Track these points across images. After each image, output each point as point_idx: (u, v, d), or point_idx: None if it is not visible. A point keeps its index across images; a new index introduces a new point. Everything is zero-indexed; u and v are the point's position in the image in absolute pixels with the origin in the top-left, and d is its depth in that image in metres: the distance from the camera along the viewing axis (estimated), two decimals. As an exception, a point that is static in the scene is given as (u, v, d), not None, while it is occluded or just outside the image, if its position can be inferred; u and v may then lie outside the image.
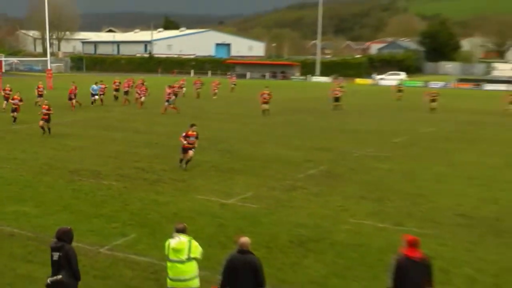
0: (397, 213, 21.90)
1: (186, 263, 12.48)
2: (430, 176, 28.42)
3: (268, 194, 24.09)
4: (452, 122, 49.95)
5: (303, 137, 39.18)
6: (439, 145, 37.97)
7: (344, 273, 16.04)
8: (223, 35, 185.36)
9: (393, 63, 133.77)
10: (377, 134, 41.46)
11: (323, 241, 18.49)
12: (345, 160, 31.89)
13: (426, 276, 12.07)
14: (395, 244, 18.18)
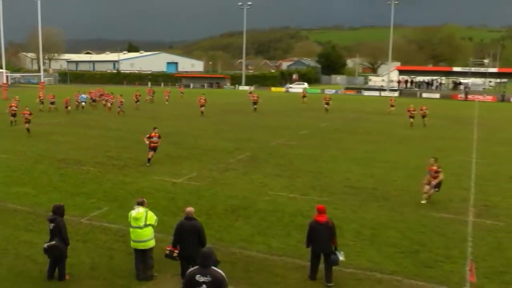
0: (303, 186, 22.01)
1: (144, 228, 12.43)
2: (327, 158, 28.68)
3: (208, 174, 23.94)
4: (341, 119, 50.53)
5: (233, 132, 38.99)
6: (332, 135, 38.33)
7: (265, 232, 16.08)
8: (172, 56, 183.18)
9: (299, 76, 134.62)
10: (288, 128, 41.51)
11: (250, 209, 18.47)
12: (265, 148, 31.86)
13: (331, 235, 12.26)
14: (303, 209, 18.44)
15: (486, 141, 37.29)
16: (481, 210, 19.22)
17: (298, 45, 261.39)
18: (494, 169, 27.12)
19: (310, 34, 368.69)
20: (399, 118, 52.52)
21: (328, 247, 12.27)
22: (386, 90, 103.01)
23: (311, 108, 61.37)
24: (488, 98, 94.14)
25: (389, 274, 13.03)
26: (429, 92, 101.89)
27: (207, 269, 8.40)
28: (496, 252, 15.06)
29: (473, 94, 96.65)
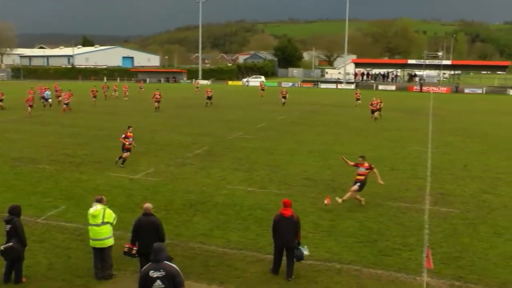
0: (261, 179, 22.03)
1: (101, 226, 12.23)
2: (284, 151, 28.76)
3: (165, 170, 23.72)
4: (298, 112, 50.78)
5: (189, 126, 38.74)
6: (289, 128, 38.50)
7: (224, 226, 16.02)
8: (128, 50, 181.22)
9: (255, 69, 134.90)
10: (245, 122, 41.49)
11: (208, 203, 18.37)
12: (222, 141, 31.76)
13: (295, 229, 12.21)
14: (261, 202, 18.47)
15: (441, 131, 38.12)
16: (437, 198, 19.64)
17: (254, 38, 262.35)
18: (449, 158, 27.76)
19: (266, 28, 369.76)
20: (356, 110, 53.31)
21: (291, 241, 12.23)
22: (343, 82, 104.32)
23: (268, 102, 61.54)
24: (443, 89, 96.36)
25: (348, 264, 13.17)
26: (385, 84, 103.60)
27: (159, 264, 8.36)
28: (452, 238, 15.43)
29: (428, 86, 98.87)
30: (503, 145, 33.06)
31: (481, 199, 19.97)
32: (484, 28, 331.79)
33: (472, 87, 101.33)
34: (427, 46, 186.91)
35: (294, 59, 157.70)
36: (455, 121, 44.95)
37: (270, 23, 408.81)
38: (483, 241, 15.29)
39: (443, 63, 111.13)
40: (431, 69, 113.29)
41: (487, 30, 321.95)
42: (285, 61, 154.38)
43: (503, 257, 14.16)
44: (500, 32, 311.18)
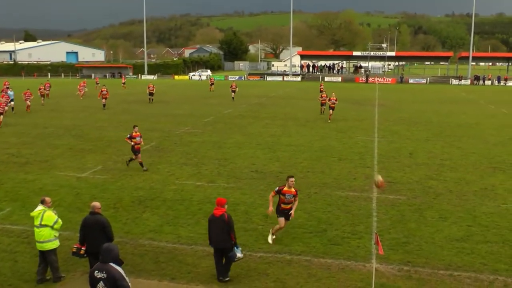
0: (210, 173, 22.00)
1: (41, 228, 11.86)
2: (231, 145, 28.79)
3: (113, 167, 23.36)
4: (245, 105, 50.85)
5: (136, 122, 37.61)
6: (236, 121, 38.53)
7: (174, 222, 15.94)
8: (72, 45, 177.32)
9: (202, 63, 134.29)
10: (192, 116, 41.23)
11: (157, 199, 18.23)
12: (170, 137, 31.50)
13: (227, 229, 11.81)
14: (210, 196, 18.43)
15: (387, 121, 38.94)
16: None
17: (200, 32, 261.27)
18: (395, 147, 28.40)
19: (211, 21, 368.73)
20: (305, 102, 53.78)
21: (224, 241, 11.81)
22: (289, 75, 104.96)
23: (216, 95, 61.43)
24: (388, 80, 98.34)
25: (298, 255, 13.29)
26: (331, 76, 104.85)
27: (104, 265, 8.12)
28: (399, 224, 15.82)
29: (374, 77, 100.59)
30: (446, 132, 34.09)
31: (427, 185, 20.55)
32: (426, 20, 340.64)
33: (417, 77, 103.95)
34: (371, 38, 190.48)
35: (240, 52, 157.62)
36: (401, 111, 45.98)
37: (215, 17, 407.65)
38: (429, 226, 15.75)
39: (388, 54, 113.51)
40: (376, 61, 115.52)
41: (429, 22, 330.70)
42: (231, 54, 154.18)
43: (449, 239, 14.66)
44: (441, 24, 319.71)
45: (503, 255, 13.59)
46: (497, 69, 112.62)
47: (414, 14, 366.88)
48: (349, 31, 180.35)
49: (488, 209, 17.57)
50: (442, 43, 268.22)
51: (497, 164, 24.68)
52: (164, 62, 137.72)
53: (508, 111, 47.08)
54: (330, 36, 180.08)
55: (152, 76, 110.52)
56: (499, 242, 14.56)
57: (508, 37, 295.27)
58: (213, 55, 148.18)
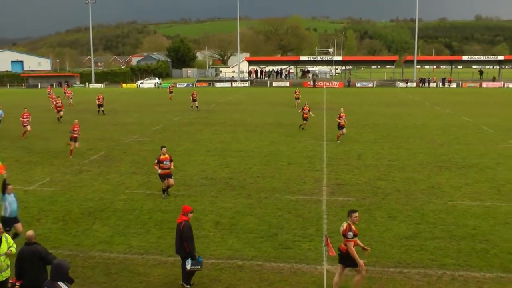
0: (159, 182, 21.63)
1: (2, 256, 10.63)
2: (181, 152, 28.65)
3: (61, 178, 22.88)
4: (194, 111, 50.60)
5: (84, 131, 37.10)
6: (186, 128, 38.36)
7: (125, 232, 15.79)
8: (17, 54, 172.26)
9: (149, 71, 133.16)
10: (140, 125, 40.77)
11: (107, 210, 18.01)
12: (119, 146, 31.10)
13: (180, 237, 11.74)
14: (160, 205, 18.34)
15: (336, 124, 39.31)
16: (334, 189, 20.35)
17: (147, 40, 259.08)
18: (343, 149, 28.84)
19: (158, 28, 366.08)
20: (254, 107, 53.97)
21: (180, 249, 11.80)
22: (237, 81, 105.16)
23: (163, 103, 60.99)
24: (336, 84, 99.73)
25: (250, 260, 13.36)
26: (279, 81, 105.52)
27: (52, 283, 7.90)
28: (349, 226, 16.04)
29: (321, 81, 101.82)
30: (394, 134, 34.86)
31: (376, 186, 20.99)
32: (372, 25, 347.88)
33: (364, 81, 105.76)
34: (318, 43, 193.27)
35: (187, 59, 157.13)
36: (348, 114, 46.22)
37: (162, 24, 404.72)
38: (379, 225, 16.10)
39: (334, 59, 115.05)
40: (323, 65, 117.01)
41: (375, 27, 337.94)
42: (179, 61, 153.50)
43: (398, 238, 15.03)
44: (386, 29, 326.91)
45: (450, 250, 14.03)
46: (441, 72, 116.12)
47: (359, 19, 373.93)
48: (296, 36, 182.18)
49: (435, 207, 18.09)
50: (388, 47, 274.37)
51: (443, 163, 25.39)
52: (111, 70, 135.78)
53: (452, 112, 48.47)
54: (277, 42, 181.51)
55: (99, 84, 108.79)
56: (446, 238, 15.02)
57: (451, 41, 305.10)
58: (161, 63, 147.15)
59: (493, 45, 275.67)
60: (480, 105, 56.64)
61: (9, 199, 13.45)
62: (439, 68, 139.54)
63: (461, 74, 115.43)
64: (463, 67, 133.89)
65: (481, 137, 33.51)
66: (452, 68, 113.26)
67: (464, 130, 36.65)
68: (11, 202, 13.45)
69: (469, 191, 20.26)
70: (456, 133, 35.09)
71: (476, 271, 12.81)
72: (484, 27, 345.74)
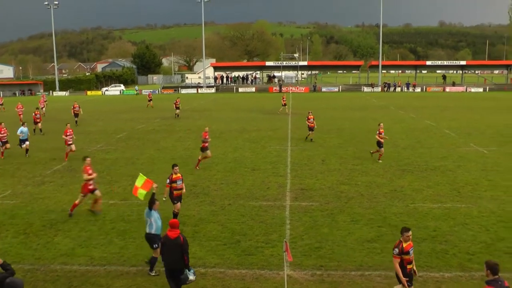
0: (123, 191, 21.74)
1: None
2: (145, 160, 28.57)
3: (23, 190, 22.47)
4: (158, 119, 50.37)
5: (47, 141, 36.96)
6: (150, 136, 38.16)
7: (87, 243, 15.64)
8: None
9: (115, 77, 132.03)
10: (104, 133, 40.38)
11: (69, 221, 17.81)
12: (82, 155, 30.39)
13: (182, 252, 11.52)
14: (123, 214, 18.26)
15: (300, 129, 39.70)
16: (297, 194, 20.54)
17: (112, 46, 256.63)
18: (308, 154, 29.10)
19: (123, 34, 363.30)
20: (219, 114, 53.99)
21: (178, 264, 11.56)
22: (203, 87, 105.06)
23: (128, 110, 60.59)
24: (301, 89, 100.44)
25: (213, 267, 13.40)
26: (245, 87, 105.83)
27: None
28: (312, 230, 16.30)
29: (287, 86, 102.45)
30: (357, 138, 35.31)
31: (339, 190, 21.27)
32: (337, 30, 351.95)
33: (329, 85, 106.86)
34: (284, 48, 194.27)
35: (153, 65, 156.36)
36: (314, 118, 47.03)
37: (127, 30, 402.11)
38: (341, 229, 16.33)
39: (300, 64, 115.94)
40: (289, 70, 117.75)
41: (340, 32, 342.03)
42: (144, 68, 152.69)
43: (360, 241, 15.29)
44: (352, 34, 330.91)
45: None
46: (406, 76, 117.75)
47: (325, 24, 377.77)
48: (262, 42, 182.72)
49: (397, 209, 18.45)
50: (353, 52, 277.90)
51: (406, 166, 25.85)
52: (76, 77, 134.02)
53: (416, 116, 49.29)
54: (243, 47, 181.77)
55: (64, 92, 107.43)
56: (408, 240, 15.29)
57: (416, 46, 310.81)
58: (126, 69, 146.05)
59: (457, 51, 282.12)
60: (443, 109, 57.74)
61: (155, 216, 13.22)
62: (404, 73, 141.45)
63: (426, 78, 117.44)
64: (427, 72, 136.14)
65: (443, 140, 34.19)
66: (416, 73, 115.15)
67: (427, 133, 37.34)
68: (156, 219, 13.24)
69: (430, 194, 20.70)
70: (419, 136, 35.73)
71: (435, 271, 13.15)
72: (447, 33, 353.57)
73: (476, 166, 26.08)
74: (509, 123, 43.59)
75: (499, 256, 14.17)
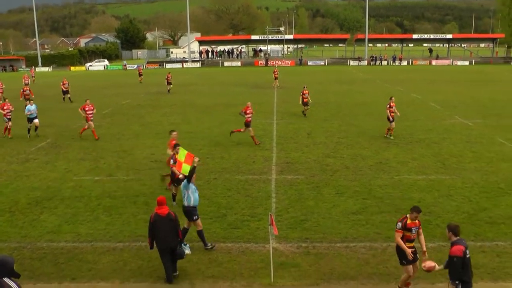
0: (108, 167, 21.71)
1: None
2: (130, 136, 28.55)
3: (7, 168, 22.26)
4: (143, 94, 50.18)
5: (31, 118, 36.63)
6: (135, 111, 38.07)
7: (73, 220, 15.65)
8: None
9: (98, 52, 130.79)
10: (90, 109, 39.95)
11: (55, 198, 17.76)
12: (66, 132, 30.56)
13: (173, 227, 11.55)
14: (109, 190, 18.29)
15: (286, 103, 39.85)
16: (283, 167, 20.67)
17: (95, 20, 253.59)
18: (293, 128, 29.22)
19: (106, 9, 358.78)
20: (204, 88, 53.86)
21: (173, 241, 11.56)
22: (188, 61, 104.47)
23: (112, 85, 60.20)
24: (287, 63, 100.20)
25: (199, 241, 13.41)
26: (231, 61, 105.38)
27: None
28: (297, 203, 16.47)
29: (273, 60, 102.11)
30: (344, 112, 35.50)
31: (324, 163, 21.43)
32: (324, 3, 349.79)
33: (315, 59, 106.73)
34: (270, 22, 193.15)
35: (137, 40, 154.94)
36: (299, 92, 46.86)
37: (111, 4, 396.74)
38: (326, 202, 16.52)
39: (286, 37, 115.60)
40: (275, 44, 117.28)
41: (327, 6, 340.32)
42: (128, 42, 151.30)
43: (345, 213, 15.51)
44: (338, 7, 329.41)
45: (395, 223, 14.41)
46: (392, 50, 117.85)
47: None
48: (248, 15, 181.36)
49: (382, 182, 18.66)
50: (340, 26, 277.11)
51: (391, 139, 26.04)
52: (59, 52, 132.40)
53: (402, 89, 49.47)
54: (229, 21, 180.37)
55: (47, 68, 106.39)
56: (392, 211, 15.58)
57: (402, 19, 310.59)
58: (110, 44, 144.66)
59: (443, 24, 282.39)
60: (429, 82, 58.04)
61: (192, 188, 13.18)
62: (390, 46, 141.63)
63: (412, 52, 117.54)
64: (414, 45, 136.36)
65: (429, 113, 34.43)
66: (403, 46, 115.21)
67: (413, 106, 37.56)
68: (193, 191, 13.21)
69: (415, 166, 20.93)
70: (405, 109, 35.83)
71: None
72: (434, 6, 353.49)
73: (460, 138, 26.38)
74: (494, 96, 44.00)
75: (481, 225, 14.49)
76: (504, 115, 33.69)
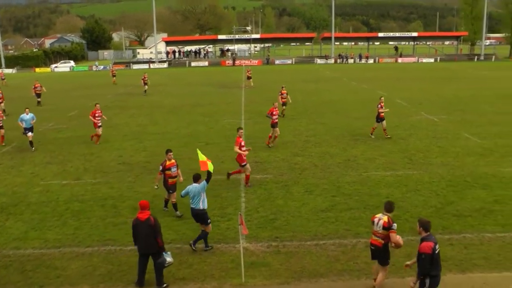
0: (76, 170, 21.42)
1: None
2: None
3: (-30, 173, 21.75)
4: (110, 95, 49.47)
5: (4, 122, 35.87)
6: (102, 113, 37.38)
7: (40, 226, 15.37)
8: None
9: (64, 53, 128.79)
10: (56, 111, 39.43)
11: (21, 204, 17.42)
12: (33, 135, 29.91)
13: (154, 233, 11.31)
14: (77, 194, 18.07)
15: (254, 102, 39.86)
16: (252, 166, 20.53)
17: (60, 20, 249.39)
18: (261, 127, 29.23)
19: (71, 8, 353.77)
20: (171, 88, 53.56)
21: (153, 246, 11.32)
22: (155, 62, 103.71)
23: (79, 87, 59.41)
24: (254, 62, 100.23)
25: (169, 243, 13.33)
26: (198, 61, 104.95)
27: None
28: (267, 202, 16.54)
29: (240, 60, 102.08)
30: (311, 110, 35.67)
31: (293, 162, 21.55)
32: (290, 2, 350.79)
33: (282, 58, 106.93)
34: (236, 22, 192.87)
35: (103, 40, 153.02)
36: (267, 91, 47.06)
37: (75, 3, 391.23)
38: (296, 200, 16.61)
39: (253, 37, 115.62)
40: (242, 44, 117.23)
41: (293, 5, 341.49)
42: (94, 43, 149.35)
43: (314, 211, 15.63)
44: (304, 6, 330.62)
45: (364, 219, 14.71)
46: (359, 48, 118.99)
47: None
48: (214, 15, 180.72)
49: (350, 179, 18.87)
50: (306, 25, 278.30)
51: (358, 136, 26.34)
52: (23, 53, 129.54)
53: (368, 87, 49.97)
54: (195, 21, 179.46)
55: (11, 69, 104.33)
56: (361, 208, 15.77)
57: (368, 18, 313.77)
58: (76, 45, 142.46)
59: (408, 22, 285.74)
60: (395, 79, 58.72)
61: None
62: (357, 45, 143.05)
63: (378, 50, 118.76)
64: (380, 43, 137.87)
65: (395, 110, 34.71)
66: (369, 45, 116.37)
67: (379, 103, 37.90)
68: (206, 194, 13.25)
69: (383, 162, 21.20)
70: (371, 107, 36.09)
71: (387, 237, 13.49)
72: (399, 5, 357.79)
73: (427, 134, 26.81)
74: (458, 92, 44.79)
75: (448, 218, 14.74)
76: (468, 110, 34.33)
